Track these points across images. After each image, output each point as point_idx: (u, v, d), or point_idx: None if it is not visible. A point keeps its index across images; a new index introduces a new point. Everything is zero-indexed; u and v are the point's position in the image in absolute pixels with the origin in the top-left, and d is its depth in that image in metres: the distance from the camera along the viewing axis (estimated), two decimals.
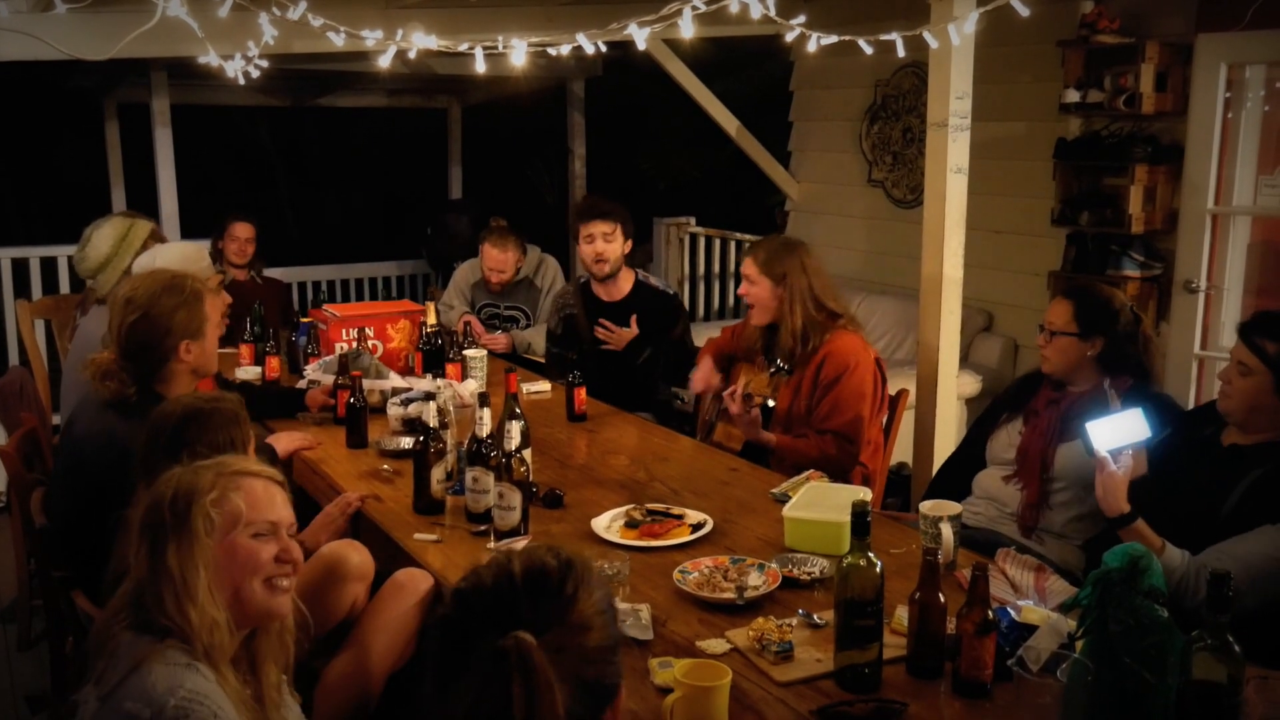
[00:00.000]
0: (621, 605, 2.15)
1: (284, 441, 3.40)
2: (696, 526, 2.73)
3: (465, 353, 4.10)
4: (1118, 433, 2.60)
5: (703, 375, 3.80)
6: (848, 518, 2.02)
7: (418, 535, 2.75)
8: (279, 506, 1.89)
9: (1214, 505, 2.58)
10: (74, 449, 2.82)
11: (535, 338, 5.08)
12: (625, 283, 4.45)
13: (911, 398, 3.95)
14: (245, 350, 4.47)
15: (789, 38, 2.87)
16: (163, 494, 1.81)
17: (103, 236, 3.92)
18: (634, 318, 4.36)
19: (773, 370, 3.45)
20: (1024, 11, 2.58)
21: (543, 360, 4.96)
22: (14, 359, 6.11)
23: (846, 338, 3.49)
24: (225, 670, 1.75)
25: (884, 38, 2.88)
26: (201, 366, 2.92)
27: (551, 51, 3.21)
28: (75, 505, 2.72)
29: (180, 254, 3.70)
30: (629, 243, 4.41)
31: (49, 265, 6.60)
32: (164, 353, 2.82)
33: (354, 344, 4.18)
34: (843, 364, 3.42)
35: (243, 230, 5.55)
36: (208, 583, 1.75)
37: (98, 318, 3.88)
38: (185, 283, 2.90)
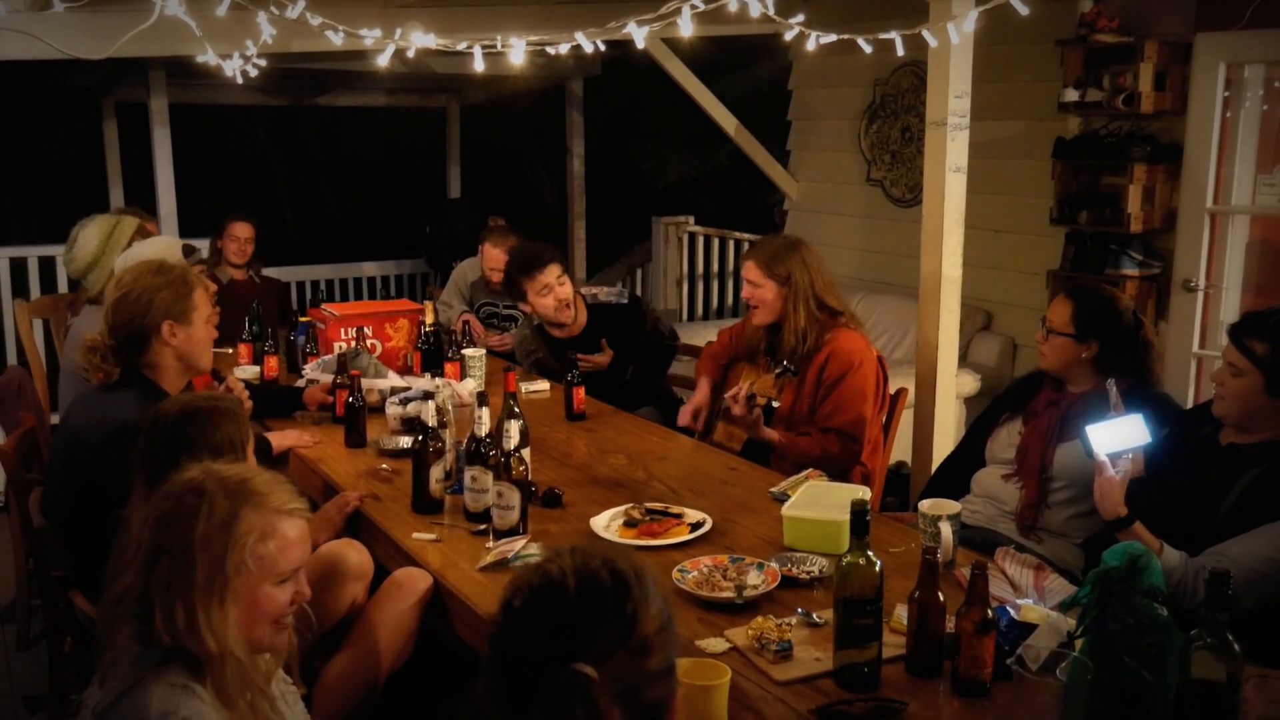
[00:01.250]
0: None
1: (280, 438, 3.41)
2: (695, 526, 2.72)
3: (464, 352, 4.10)
4: (1118, 437, 2.59)
5: (698, 400, 3.77)
6: (847, 517, 2.02)
7: (416, 534, 2.75)
8: (304, 549, 1.84)
9: (1212, 504, 2.58)
10: (69, 436, 2.85)
11: None
12: (580, 314, 4.32)
13: (910, 397, 3.95)
14: (244, 350, 4.47)
15: (788, 36, 2.87)
16: (192, 512, 1.72)
17: (89, 235, 3.92)
18: (604, 342, 4.25)
19: (779, 371, 3.45)
20: (1023, 10, 2.58)
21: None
22: (12, 359, 6.11)
23: (849, 336, 3.49)
24: (232, 696, 1.71)
25: (883, 36, 2.88)
26: (189, 354, 2.92)
27: (550, 50, 3.22)
28: (73, 496, 2.73)
29: (151, 249, 3.71)
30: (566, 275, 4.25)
31: (47, 265, 6.60)
32: (146, 330, 2.84)
33: (353, 343, 4.18)
34: (846, 362, 3.42)
35: (242, 230, 5.54)
36: (234, 620, 1.71)
37: (90, 317, 3.88)
38: (174, 268, 2.95)
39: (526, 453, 2.90)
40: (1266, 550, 2.39)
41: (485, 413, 2.75)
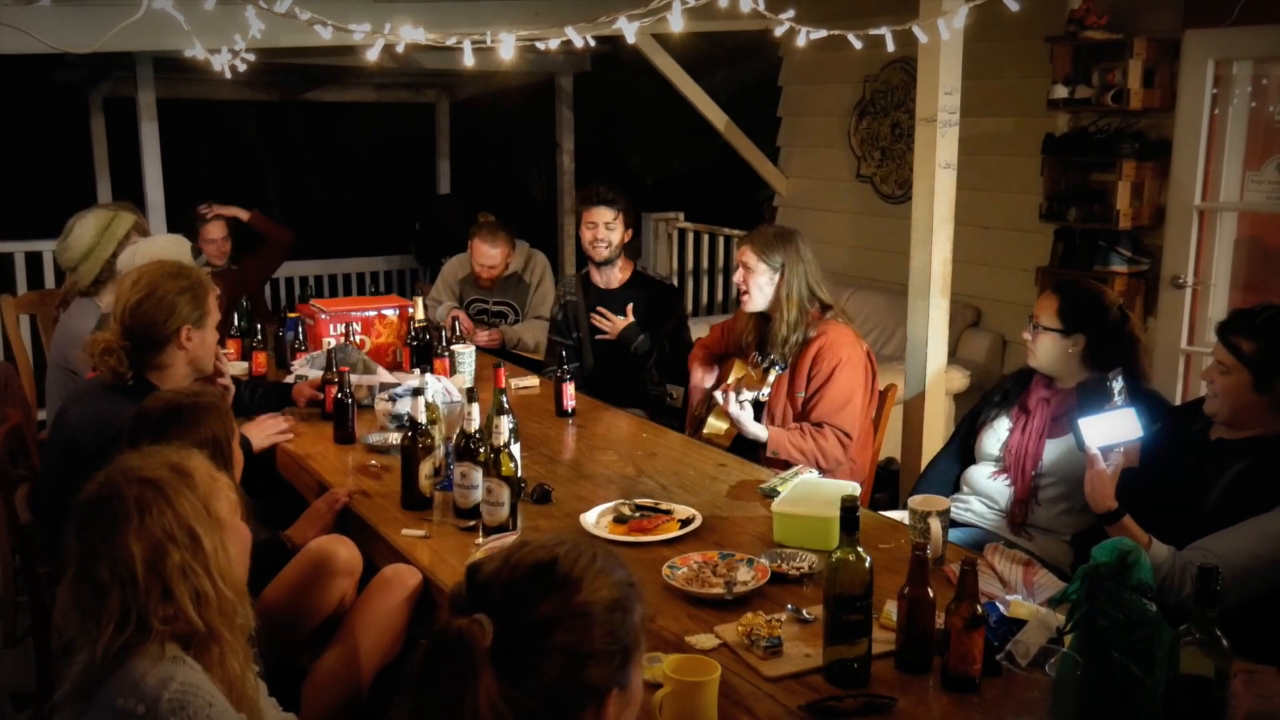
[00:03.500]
0: None
1: (258, 433, 3.34)
2: (685, 522, 2.72)
3: (453, 348, 4.09)
4: (1110, 430, 2.60)
5: (694, 386, 3.83)
6: (836, 513, 2.02)
7: (406, 531, 2.74)
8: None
9: (1198, 498, 2.59)
10: (66, 436, 2.82)
11: (524, 333, 5.08)
12: (624, 271, 4.53)
13: (900, 393, 3.95)
14: (232, 345, 4.44)
15: (778, 32, 2.87)
16: (158, 501, 1.71)
17: (85, 227, 3.90)
18: (629, 307, 4.40)
19: (766, 365, 3.45)
20: (1013, 6, 2.58)
21: (531, 356, 4.96)
22: None
23: (839, 330, 3.49)
24: (229, 661, 1.73)
25: (873, 33, 2.88)
26: (199, 358, 2.93)
27: (540, 46, 3.20)
28: (66, 495, 2.70)
29: (161, 248, 3.68)
30: (629, 231, 4.50)
31: (34, 260, 6.57)
32: (165, 335, 2.83)
33: (342, 339, 4.17)
34: (836, 357, 3.42)
35: (215, 231, 5.53)
36: (235, 558, 1.76)
37: (79, 311, 3.86)
38: (191, 272, 2.96)
39: (516, 449, 2.89)
40: (1252, 546, 2.40)
41: (475, 409, 2.75)
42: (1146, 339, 3.10)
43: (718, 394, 3.49)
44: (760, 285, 3.52)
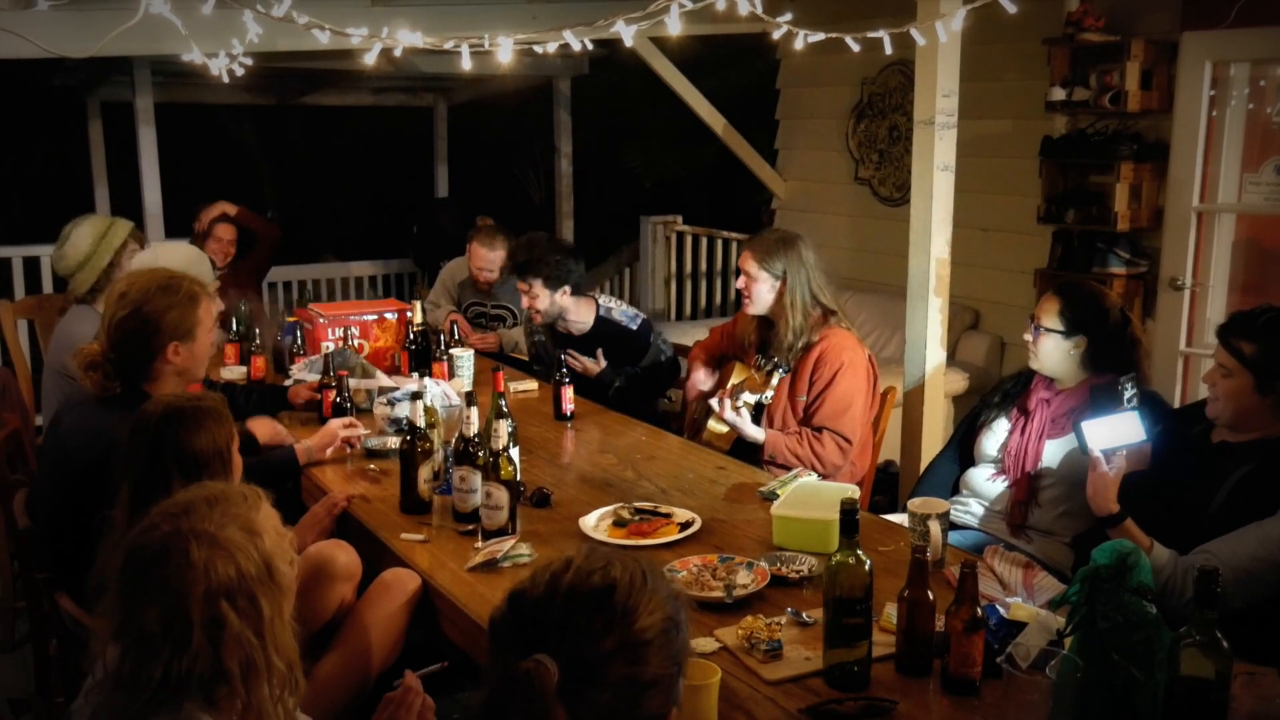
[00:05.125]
0: None
1: (263, 428, 3.35)
2: (685, 525, 2.72)
3: (452, 352, 4.09)
4: (1112, 433, 2.60)
5: (694, 385, 3.82)
6: (836, 516, 2.02)
7: (405, 535, 2.74)
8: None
9: (1202, 501, 2.58)
10: (59, 446, 2.80)
11: (522, 337, 5.07)
12: (586, 316, 4.26)
13: (899, 396, 3.95)
14: (230, 350, 4.44)
15: (776, 35, 2.87)
16: (221, 564, 1.56)
17: (82, 235, 3.90)
18: (599, 351, 4.21)
19: (770, 368, 3.45)
20: (1011, 9, 2.58)
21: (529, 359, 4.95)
22: None
23: (841, 335, 3.48)
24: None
25: (871, 35, 2.88)
26: (189, 370, 2.90)
27: (538, 49, 3.20)
28: (60, 504, 2.70)
29: (183, 256, 3.67)
30: (563, 290, 4.16)
31: (31, 265, 6.57)
32: (151, 351, 2.79)
33: (340, 343, 4.16)
34: (838, 361, 3.42)
35: (226, 232, 5.53)
36: (288, 620, 1.64)
37: (75, 317, 3.85)
38: (182, 283, 2.86)
39: (515, 453, 2.89)
40: (1254, 549, 2.39)
41: (474, 412, 2.74)
42: (1146, 341, 3.10)
43: (713, 402, 3.48)
44: (761, 293, 3.52)
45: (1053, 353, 3.01)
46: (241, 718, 1.58)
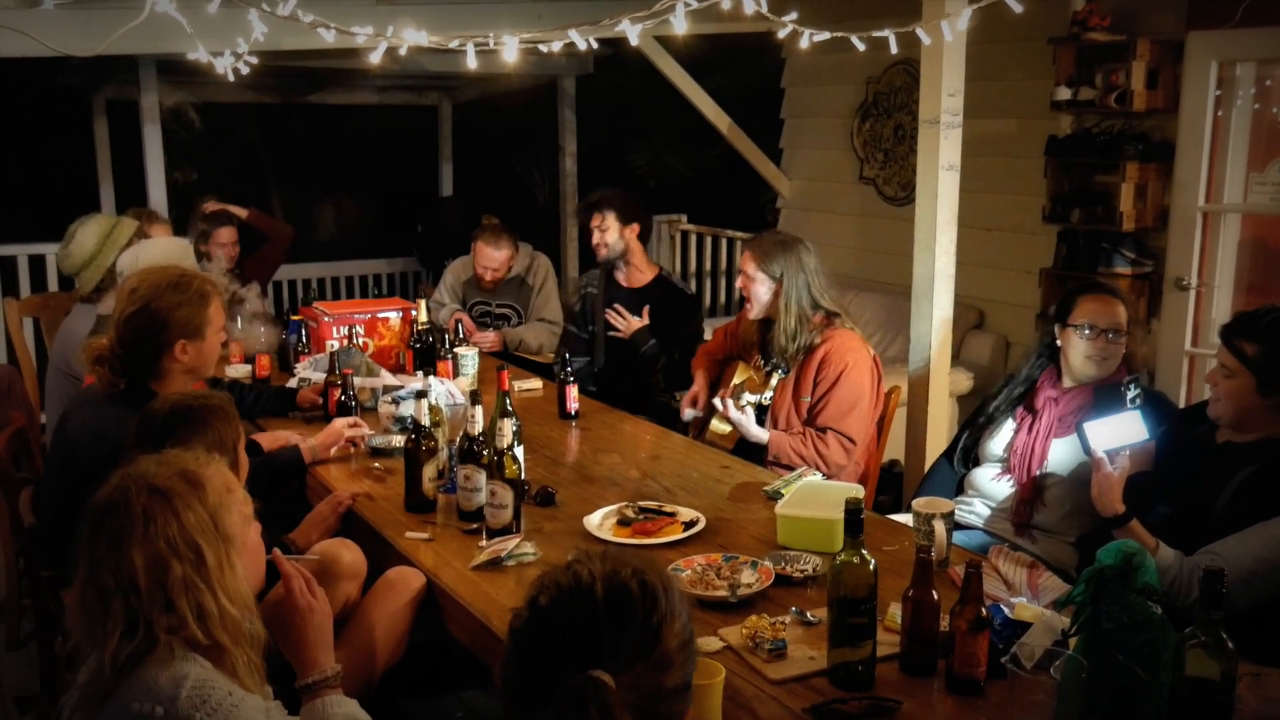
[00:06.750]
0: None
1: (271, 440, 3.37)
2: (689, 524, 2.72)
3: (456, 350, 4.09)
4: (1116, 434, 2.59)
5: (694, 393, 3.83)
6: (840, 515, 2.02)
7: (409, 534, 2.74)
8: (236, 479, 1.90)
9: (1207, 502, 2.58)
10: (66, 445, 2.81)
11: (527, 335, 5.08)
12: (646, 273, 4.61)
13: (903, 395, 3.94)
14: (235, 348, 4.44)
15: (781, 34, 2.87)
16: (165, 512, 1.69)
17: (87, 233, 3.90)
18: (646, 309, 4.46)
19: (769, 369, 3.45)
20: (1017, 8, 2.57)
21: (534, 358, 4.96)
22: (2, 358, 6.08)
23: (845, 336, 3.48)
24: (240, 674, 1.72)
25: (876, 34, 2.88)
26: (198, 368, 2.90)
27: (543, 48, 3.21)
28: (66, 502, 2.70)
29: (163, 251, 3.67)
30: (633, 225, 4.56)
31: (37, 263, 6.58)
32: (159, 348, 2.80)
33: (345, 342, 4.17)
34: (842, 362, 3.41)
35: (228, 235, 5.52)
36: (241, 574, 1.75)
37: (80, 315, 3.87)
38: (193, 282, 2.88)
39: (520, 451, 2.89)
40: (1260, 549, 2.39)
41: (478, 411, 2.74)
42: (1150, 342, 3.09)
43: (716, 400, 3.49)
44: (759, 294, 3.52)
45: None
46: (213, 660, 1.68)
